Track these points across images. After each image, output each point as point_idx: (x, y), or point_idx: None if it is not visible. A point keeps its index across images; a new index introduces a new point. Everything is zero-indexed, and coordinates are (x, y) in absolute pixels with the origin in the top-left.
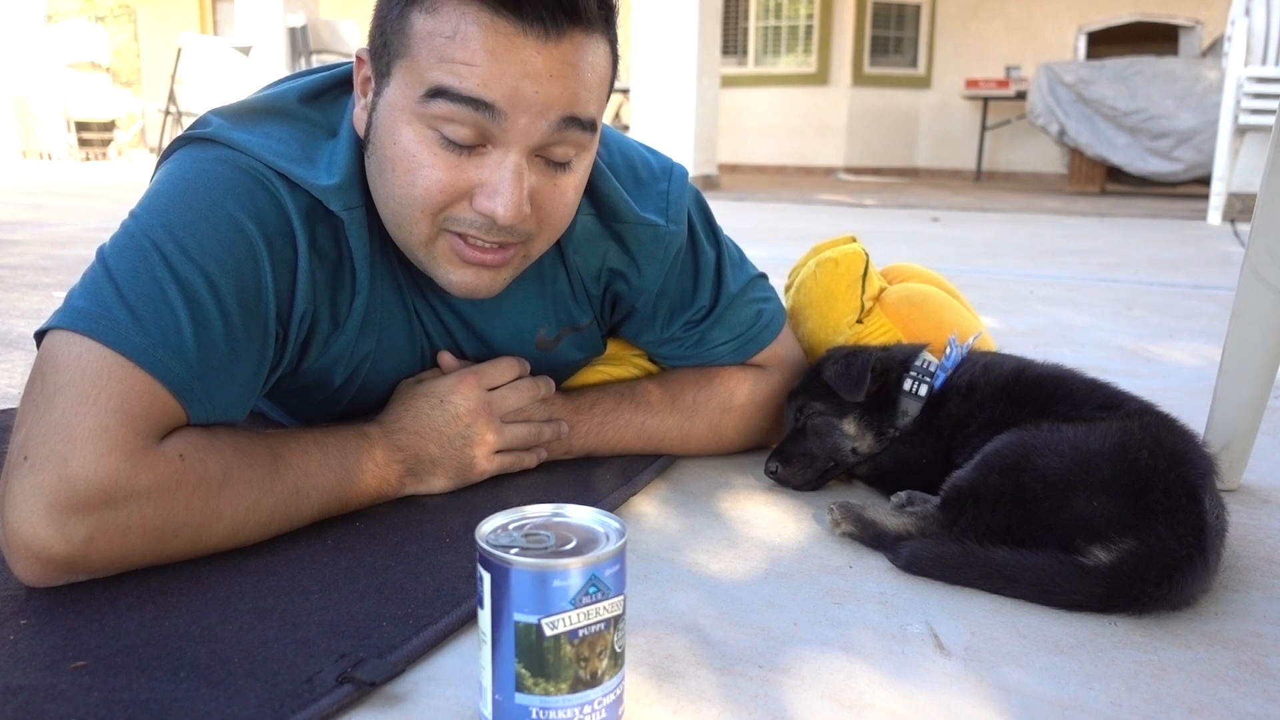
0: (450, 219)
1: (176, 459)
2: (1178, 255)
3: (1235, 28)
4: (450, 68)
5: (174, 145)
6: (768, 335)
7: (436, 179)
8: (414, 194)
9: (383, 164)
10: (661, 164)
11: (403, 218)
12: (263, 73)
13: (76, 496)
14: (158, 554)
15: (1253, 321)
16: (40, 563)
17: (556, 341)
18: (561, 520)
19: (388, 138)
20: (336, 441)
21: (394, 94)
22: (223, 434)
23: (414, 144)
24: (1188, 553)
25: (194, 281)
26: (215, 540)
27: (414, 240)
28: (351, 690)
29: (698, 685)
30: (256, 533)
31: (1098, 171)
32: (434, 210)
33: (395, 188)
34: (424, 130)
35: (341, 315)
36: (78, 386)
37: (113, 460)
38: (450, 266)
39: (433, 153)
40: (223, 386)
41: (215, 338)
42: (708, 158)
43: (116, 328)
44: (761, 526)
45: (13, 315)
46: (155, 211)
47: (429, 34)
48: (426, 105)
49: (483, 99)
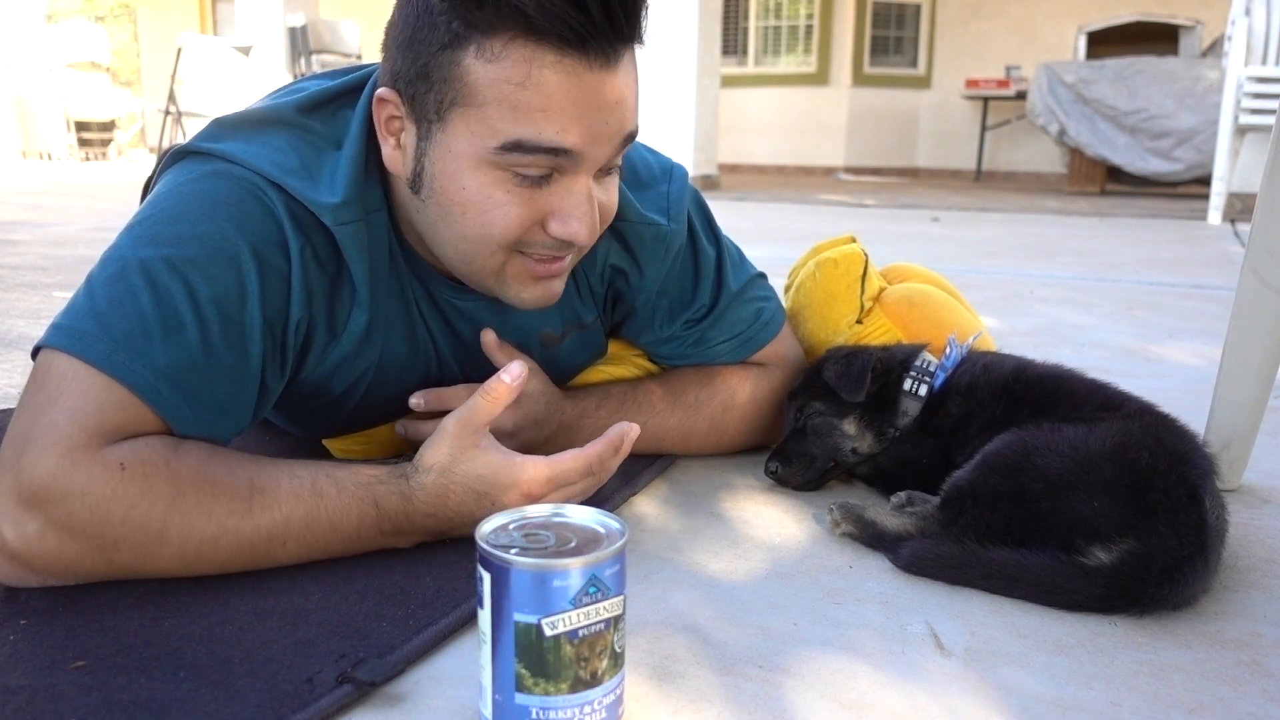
0: (524, 244)
1: (116, 466)
2: (1178, 255)
3: (1235, 28)
4: (526, 118)
5: (170, 159)
6: (767, 334)
7: (515, 215)
8: (491, 233)
9: (448, 209)
10: (662, 164)
11: (474, 254)
12: (263, 73)
13: (24, 492)
14: (108, 564)
15: (1253, 321)
16: (4, 557)
17: (562, 339)
18: (561, 520)
19: (451, 183)
20: (337, 497)
21: (455, 142)
22: (191, 453)
23: (486, 186)
24: (1188, 553)
25: (170, 287)
26: (163, 564)
27: (484, 272)
28: (351, 690)
29: (698, 685)
30: (216, 568)
31: (1098, 171)
32: (510, 243)
33: (467, 229)
34: (494, 172)
35: (339, 325)
36: (45, 392)
37: (52, 456)
38: (521, 286)
39: (506, 191)
40: (200, 391)
41: (188, 341)
42: (708, 157)
43: (83, 337)
44: (761, 526)
45: (13, 315)
46: (144, 224)
47: (495, 82)
48: (501, 156)
49: (561, 146)
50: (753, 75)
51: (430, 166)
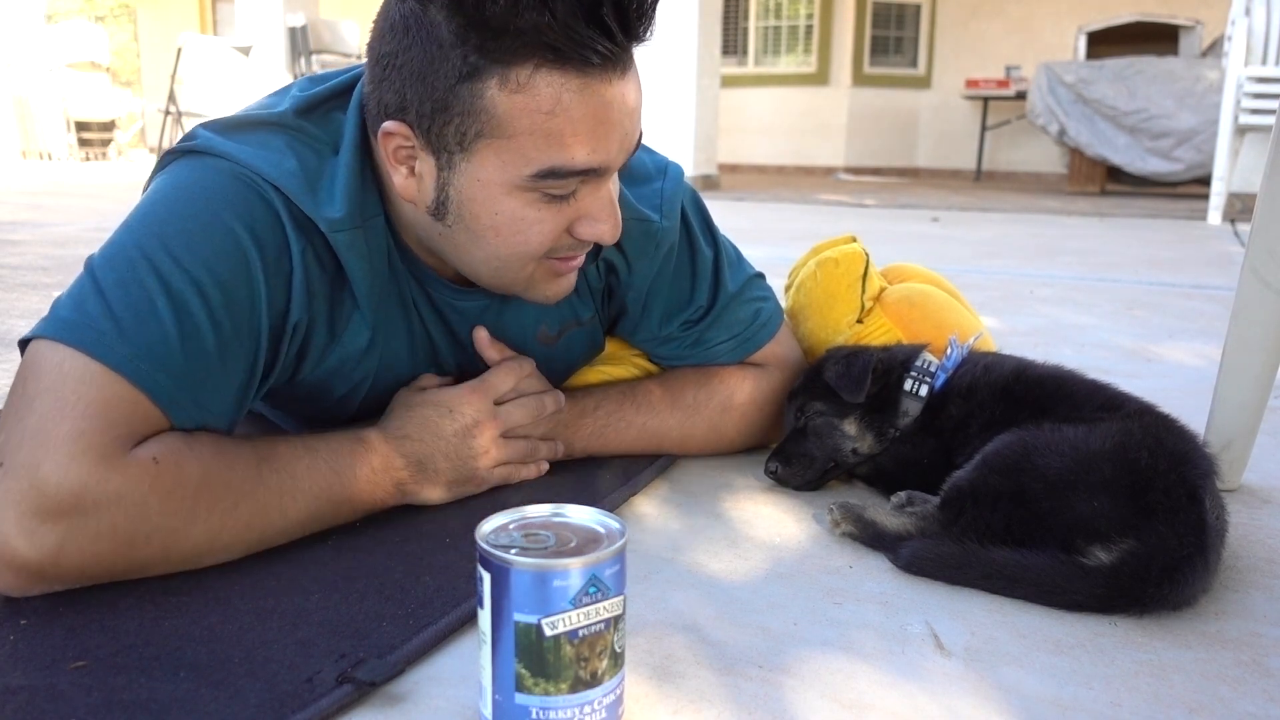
0: (553, 250)
1: (150, 462)
2: (1178, 255)
3: (1235, 28)
4: (558, 144)
5: (166, 158)
6: (766, 334)
7: (549, 230)
8: (528, 250)
9: (480, 234)
10: (657, 162)
11: (507, 269)
12: (263, 73)
13: (47, 503)
14: (129, 561)
15: (1253, 321)
16: (11, 571)
17: (559, 337)
18: (561, 520)
19: (483, 210)
20: (328, 446)
21: (484, 172)
22: (203, 438)
23: (519, 209)
24: (1188, 553)
25: (184, 291)
26: (190, 546)
27: (516, 281)
28: (351, 690)
29: (698, 685)
30: (237, 538)
31: (1098, 171)
32: (543, 254)
33: (501, 249)
34: (525, 195)
35: (339, 327)
36: (57, 393)
37: (85, 464)
38: (546, 285)
39: (538, 209)
40: (210, 396)
41: (205, 347)
42: (707, 157)
43: (101, 337)
44: (761, 526)
45: (12, 315)
46: (148, 221)
47: (524, 112)
48: (535, 182)
49: (593, 167)
50: (753, 75)
51: (457, 195)
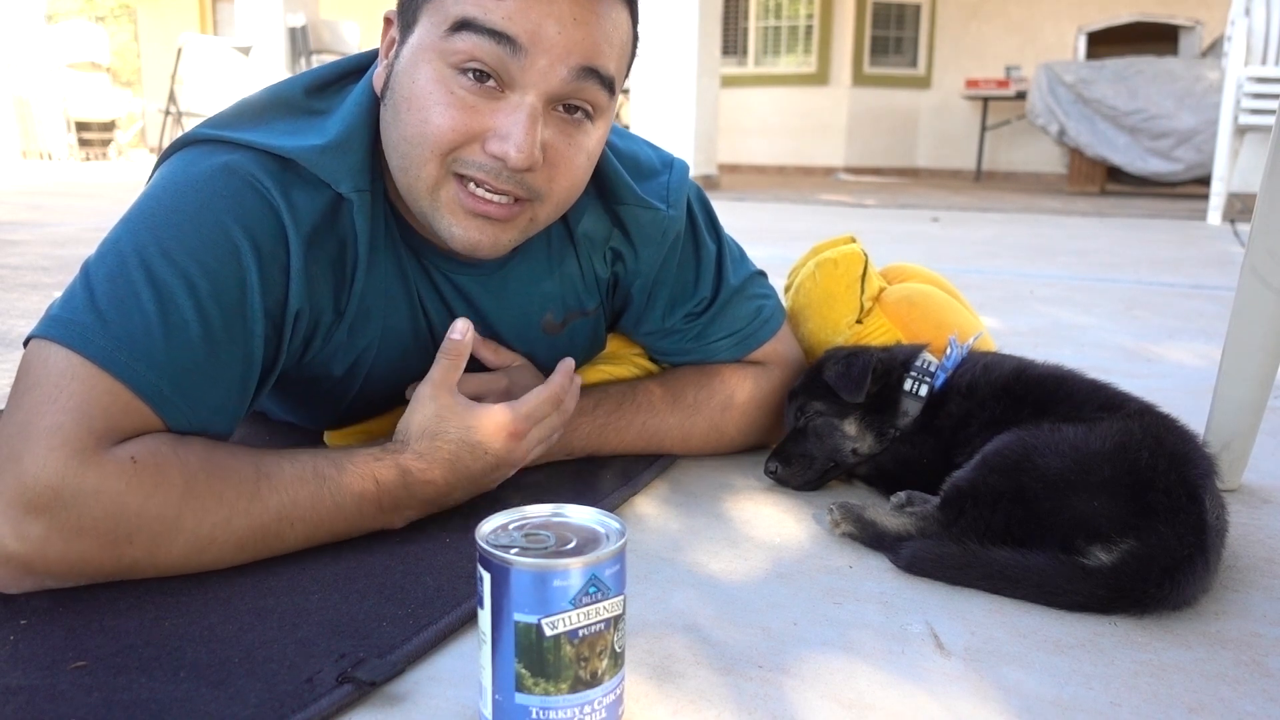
0: (459, 161)
1: (128, 461)
2: (1178, 255)
3: (1235, 28)
4: (477, 2)
5: (170, 148)
6: (766, 332)
7: (450, 117)
8: (426, 131)
9: (398, 106)
10: (663, 158)
11: (411, 160)
12: (263, 73)
13: (28, 495)
14: (115, 561)
15: (1253, 321)
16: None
17: (563, 326)
18: (561, 520)
19: (406, 79)
20: (338, 480)
21: (418, 37)
22: (195, 444)
23: (431, 83)
24: (1188, 553)
25: (171, 284)
26: (177, 553)
27: (420, 186)
28: (351, 690)
29: (698, 685)
30: (228, 553)
31: (1098, 171)
32: (444, 150)
33: (407, 128)
34: (443, 69)
35: (344, 305)
36: (42, 389)
37: (60, 458)
38: (454, 219)
39: (448, 91)
40: (201, 390)
41: (191, 340)
42: (708, 157)
43: (83, 331)
44: (761, 526)
45: (13, 315)
46: (141, 216)
47: None
48: (450, 40)
49: (506, 32)
50: (753, 75)
51: (397, 68)
